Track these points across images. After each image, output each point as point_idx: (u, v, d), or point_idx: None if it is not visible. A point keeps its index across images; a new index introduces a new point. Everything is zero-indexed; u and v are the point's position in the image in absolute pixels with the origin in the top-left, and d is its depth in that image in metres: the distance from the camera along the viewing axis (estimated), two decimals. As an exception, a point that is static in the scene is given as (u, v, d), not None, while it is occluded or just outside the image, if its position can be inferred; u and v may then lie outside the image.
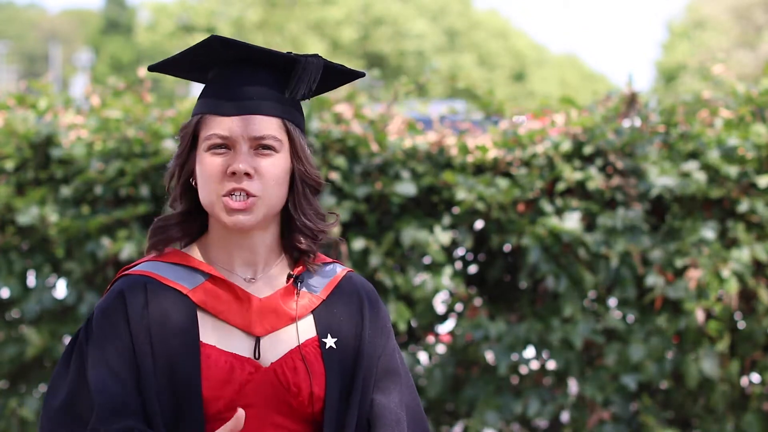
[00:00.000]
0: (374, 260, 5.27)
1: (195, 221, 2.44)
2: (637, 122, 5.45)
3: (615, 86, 6.14)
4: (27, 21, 71.47)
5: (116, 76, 6.20)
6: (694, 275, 5.28)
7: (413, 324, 5.45)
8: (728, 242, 5.41)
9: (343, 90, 5.60)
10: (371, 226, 5.38)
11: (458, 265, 5.49)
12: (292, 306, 2.42)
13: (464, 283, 5.42)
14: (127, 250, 5.31)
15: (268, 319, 2.40)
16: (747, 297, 5.41)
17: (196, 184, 2.41)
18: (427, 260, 5.41)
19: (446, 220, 5.39)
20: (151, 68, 2.50)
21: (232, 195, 2.35)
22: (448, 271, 5.38)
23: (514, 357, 5.37)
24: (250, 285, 2.42)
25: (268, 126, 2.38)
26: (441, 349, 5.42)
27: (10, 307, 5.53)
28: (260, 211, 2.37)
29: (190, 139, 2.41)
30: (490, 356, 5.38)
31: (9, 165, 5.51)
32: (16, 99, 5.76)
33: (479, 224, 5.44)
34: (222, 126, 2.37)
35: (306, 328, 2.43)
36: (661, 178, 5.34)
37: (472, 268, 5.53)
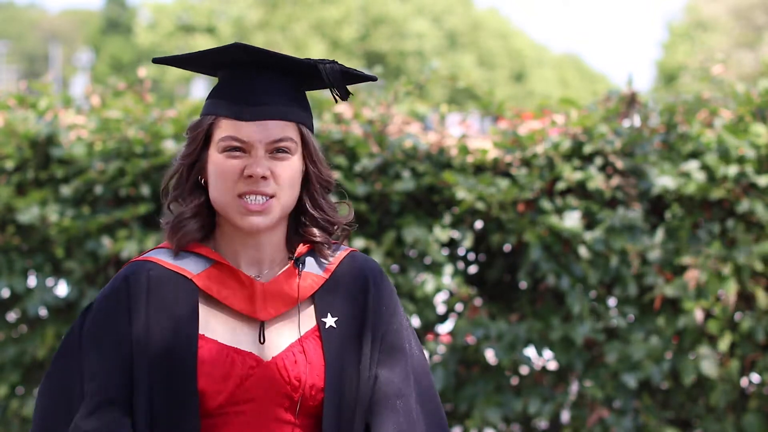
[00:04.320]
0: (375, 260, 5.27)
1: (206, 218, 2.45)
2: (637, 122, 5.45)
3: (615, 86, 6.12)
4: (27, 21, 71.49)
5: (116, 76, 6.21)
6: (693, 275, 5.29)
7: (414, 324, 5.46)
8: (728, 242, 5.41)
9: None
10: (372, 225, 5.39)
11: (459, 264, 5.50)
12: (294, 288, 2.43)
13: (464, 283, 5.43)
14: (127, 250, 5.31)
15: (272, 303, 2.41)
16: (747, 297, 5.42)
17: (205, 183, 2.42)
18: (427, 260, 5.41)
19: (446, 219, 5.40)
20: (156, 60, 2.49)
21: (248, 197, 2.36)
22: (448, 270, 5.38)
23: (515, 356, 5.38)
24: (256, 279, 2.43)
25: (284, 130, 2.39)
26: (441, 349, 5.42)
27: (11, 306, 5.54)
28: (276, 212, 2.39)
29: (203, 139, 2.41)
30: (490, 355, 5.39)
31: (9, 165, 5.52)
32: (17, 99, 5.76)
33: (479, 224, 5.44)
34: (239, 130, 2.38)
35: (307, 315, 2.44)
36: (661, 178, 5.35)
37: (473, 268, 5.54)
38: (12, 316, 5.55)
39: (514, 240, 5.33)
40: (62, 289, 5.50)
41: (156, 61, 2.49)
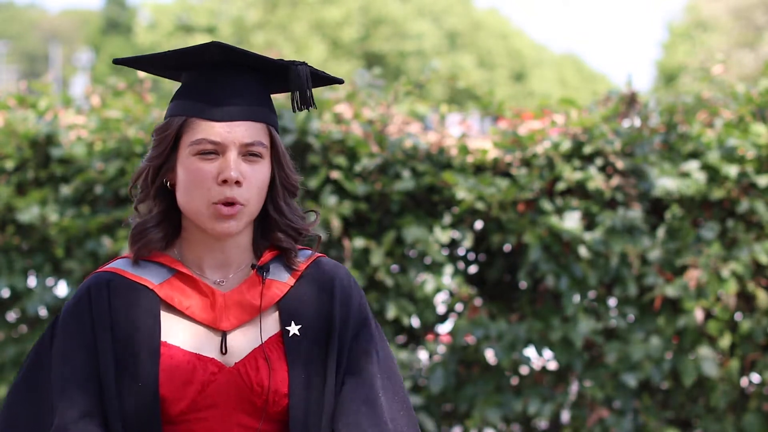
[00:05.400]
0: (375, 260, 5.28)
1: (171, 222, 2.42)
2: (637, 122, 5.45)
3: (615, 86, 6.11)
4: (27, 21, 71.48)
5: (116, 76, 6.20)
6: (693, 275, 5.29)
7: (414, 324, 5.46)
8: (728, 242, 5.41)
9: (343, 90, 5.61)
10: (372, 225, 5.39)
11: (459, 264, 5.50)
12: (256, 297, 2.40)
13: (464, 283, 5.43)
14: (127, 250, 5.30)
15: (234, 313, 2.38)
16: (747, 297, 5.42)
17: (171, 186, 2.39)
18: (427, 260, 5.41)
19: (446, 219, 5.40)
20: (117, 62, 2.43)
21: (221, 203, 2.33)
22: (448, 270, 5.38)
23: (515, 356, 5.38)
24: (219, 286, 2.41)
25: (257, 132, 2.36)
26: (441, 349, 5.42)
27: (11, 306, 5.54)
28: (245, 218, 2.36)
29: (172, 140, 2.37)
30: (490, 355, 5.39)
31: (9, 165, 5.52)
32: (17, 99, 5.76)
33: (479, 224, 5.44)
34: (212, 131, 2.34)
35: (271, 321, 2.41)
36: (661, 179, 5.35)
37: (473, 268, 5.54)
38: (12, 316, 5.55)
39: (514, 240, 5.33)
40: (62, 289, 5.50)
41: (117, 62, 2.43)
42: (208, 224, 2.35)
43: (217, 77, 2.38)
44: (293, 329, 2.40)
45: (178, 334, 2.36)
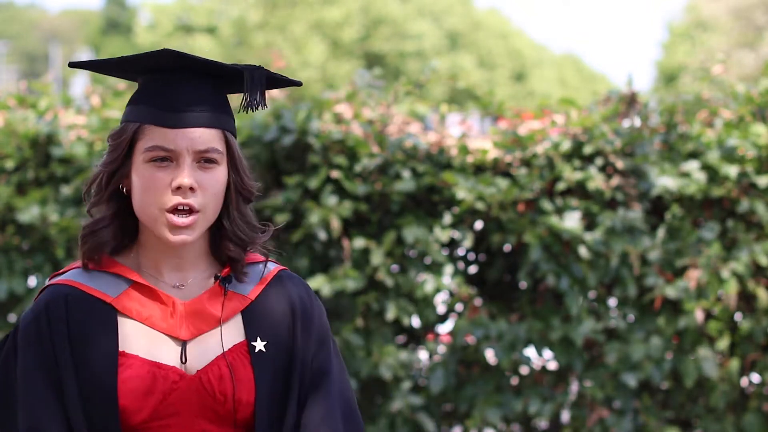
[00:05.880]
0: (375, 260, 5.28)
1: (125, 225, 2.40)
2: (637, 122, 5.46)
3: (615, 86, 6.13)
4: (27, 21, 71.46)
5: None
6: (693, 275, 5.29)
7: (414, 324, 5.46)
8: (728, 242, 5.41)
9: (343, 90, 5.62)
10: (372, 225, 5.39)
11: (459, 264, 5.50)
12: (218, 308, 2.39)
13: (464, 283, 5.43)
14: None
15: (194, 323, 2.37)
16: (747, 297, 5.42)
17: (127, 191, 2.38)
18: (427, 260, 5.41)
19: (446, 219, 5.40)
20: (72, 65, 2.43)
21: (176, 211, 2.32)
22: (448, 270, 5.38)
23: (515, 356, 5.38)
24: (178, 291, 2.39)
25: (211, 139, 2.35)
26: (441, 349, 5.43)
27: (11, 307, 5.53)
28: (201, 226, 2.35)
29: (127, 147, 2.35)
30: (490, 355, 5.39)
31: (9, 165, 5.52)
32: (17, 99, 5.76)
33: (479, 224, 5.45)
34: (165, 138, 2.32)
35: (234, 332, 2.40)
36: (661, 178, 5.35)
37: (473, 268, 5.54)
38: (12, 316, 5.55)
39: (514, 240, 5.33)
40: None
41: (72, 65, 2.42)
42: (163, 233, 2.33)
43: (171, 83, 2.36)
44: (259, 345, 2.39)
45: (138, 343, 2.35)
